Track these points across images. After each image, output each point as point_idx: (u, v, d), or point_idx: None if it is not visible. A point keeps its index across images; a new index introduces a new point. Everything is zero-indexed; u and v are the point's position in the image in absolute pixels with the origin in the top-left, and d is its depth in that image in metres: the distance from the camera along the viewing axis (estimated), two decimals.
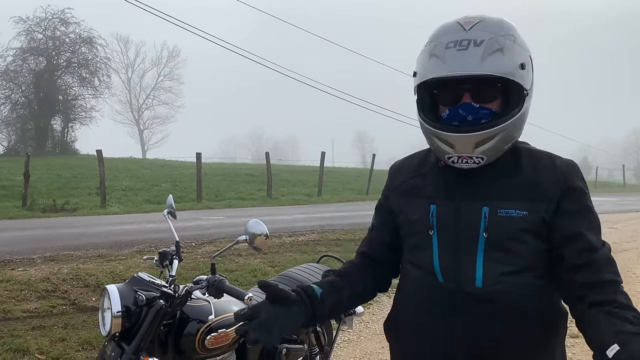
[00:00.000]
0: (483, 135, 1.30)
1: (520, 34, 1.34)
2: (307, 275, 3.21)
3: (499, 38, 1.28)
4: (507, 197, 1.34)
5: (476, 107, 1.32)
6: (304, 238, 9.27)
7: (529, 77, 1.32)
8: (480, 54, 1.26)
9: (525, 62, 1.30)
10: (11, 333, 4.47)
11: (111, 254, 7.26)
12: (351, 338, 4.80)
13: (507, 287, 1.33)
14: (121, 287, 2.21)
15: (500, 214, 1.33)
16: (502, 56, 1.27)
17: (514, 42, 1.30)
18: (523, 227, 1.31)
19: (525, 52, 1.32)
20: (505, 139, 1.33)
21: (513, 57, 1.28)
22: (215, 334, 2.33)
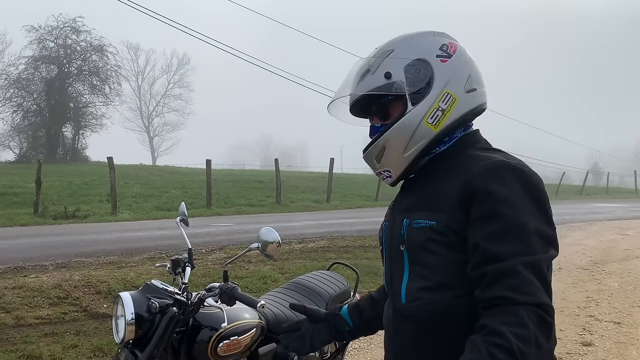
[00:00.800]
0: (374, 149, 1.38)
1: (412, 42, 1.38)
2: (318, 283, 3.21)
3: (370, 59, 1.38)
4: (420, 206, 1.32)
5: (377, 126, 1.41)
6: (314, 245, 9.27)
7: (409, 81, 1.33)
8: (355, 80, 1.39)
9: (396, 70, 1.33)
10: (24, 340, 4.51)
11: (122, 260, 7.30)
12: (362, 345, 4.79)
13: (424, 304, 1.28)
14: (134, 294, 2.23)
15: (414, 224, 1.30)
16: (370, 75, 1.36)
17: (387, 56, 1.36)
18: (430, 237, 1.25)
19: (402, 60, 1.34)
20: (395, 146, 1.34)
21: (379, 72, 1.35)
22: (228, 342, 2.34)
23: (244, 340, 2.40)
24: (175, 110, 56.06)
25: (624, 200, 25.95)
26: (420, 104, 1.32)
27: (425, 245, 1.27)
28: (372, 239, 10.12)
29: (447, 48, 1.37)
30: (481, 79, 1.40)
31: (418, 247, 1.28)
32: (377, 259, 8.19)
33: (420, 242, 1.27)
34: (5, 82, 31.82)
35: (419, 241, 1.28)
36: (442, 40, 1.38)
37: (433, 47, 1.36)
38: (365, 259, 8.16)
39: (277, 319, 2.74)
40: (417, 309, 1.29)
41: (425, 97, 1.32)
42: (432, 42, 1.37)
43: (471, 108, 1.36)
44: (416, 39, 1.39)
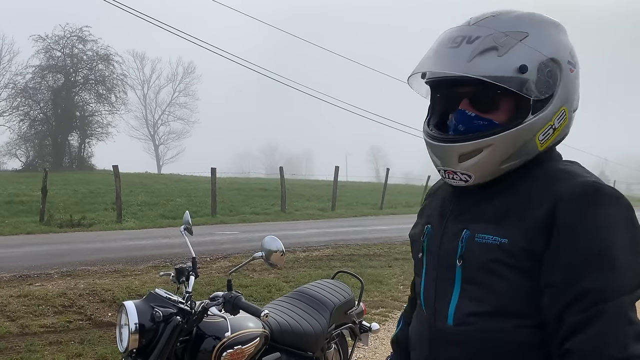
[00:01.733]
0: (464, 147, 1.12)
1: (547, 32, 1.13)
2: (322, 292, 3.21)
3: (497, 34, 1.09)
4: (490, 220, 1.12)
5: (471, 115, 1.14)
6: (319, 253, 9.25)
7: (541, 84, 1.09)
8: (468, 53, 1.08)
9: (531, 65, 1.08)
10: (28, 348, 4.51)
11: (127, 269, 7.31)
12: (366, 355, 4.76)
13: (475, 331, 1.11)
14: (138, 303, 2.23)
15: (478, 239, 1.11)
16: (496, 56, 1.07)
17: (521, 40, 1.09)
18: (498, 256, 1.08)
19: (537, 54, 1.09)
20: (497, 155, 1.11)
21: (510, 58, 1.07)
22: (232, 351, 2.33)
23: (247, 349, 2.40)
24: (181, 118, 56.27)
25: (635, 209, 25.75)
26: (540, 116, 1.10)
27: (488, 265, 1.09)
28: (377, 247, 10.09)
29: (574, 55, 1.16)
30: None
31: (479, 265, 1.11)
32: (382, 268, 8.17)
33: (484, 260, 1.10)
34: (13, 91, 32.07)
35: (482, 259, 1.10)
36: (570, 43, 1.16)
37: (566, 49, 1.14)
38: (370, 267, 8.13)
39: (281, 328, 2.73)
40: (467, 335, 1.12)
41: (546, 108, 1.11)
42: (565, 42, 1.15)
43: (569, 130, 1.19)
44: (551, 31, 1.14)
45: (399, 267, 8.26)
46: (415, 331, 1.30)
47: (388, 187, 21.63)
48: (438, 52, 1.13)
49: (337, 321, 3.15)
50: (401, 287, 7.06)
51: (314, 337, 2.89)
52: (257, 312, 2.16)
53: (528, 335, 1.08)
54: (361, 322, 3.41)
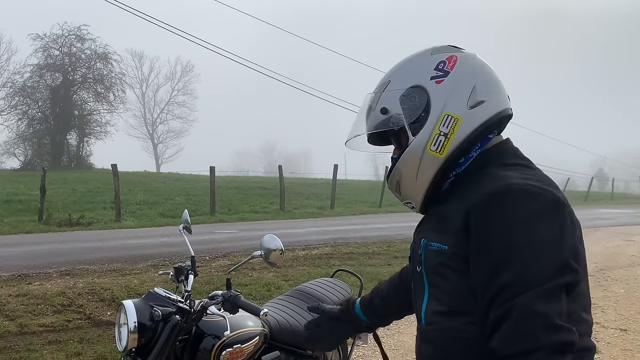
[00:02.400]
0: (391, 181, 1.39)
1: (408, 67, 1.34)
2: (321, 290, 3.20)
3: (370, 96, 1.38)
4: (435, 228, 1.27)
5: (394, 157, 1.39)
6: (318, 252, 9.25)
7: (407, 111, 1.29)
8: (365, 117, 1.39)
9: (391, 103, 1.31)
10: (27, 347, 4.50)
11: (126, 268, 7.30)
12: (366, 353, 4.76)
13: (439, 329, 1.25)
14: (137, 302, 2.22)
15: (429, 246, 1.26)
16: (372, 112, 1.35)
17: (385, 89, 1.34)
18: (442, 261, 1.21)
19: (396, 92, 1.31)
20: (406, 179, 1.33)
21: (377, 108, 1.33)
22: (231, 350, 2.32)
23: (247, 348, 2.39)
24: (179, 117, 56.23)
25: (630, 206, 25.81)
26: (420, 133, 1.27)
27: (437, 269, 1.23)
28: (376, 245, 10.10)
29: (444, 65, 1.29)
30: (492, 87, 1.30)
31: (432, 270, 1.25)
32: (381, 266, 8.17)
33: (434, 265, 1.24)
34: (11, 90, 32.01)
35: (433, 264, 1.25)
36: (439, 57, 1.31)
37: (428, 69, 1.30)
38: (369, 265, 8.13)
39: (281, 327, 2.73)
40: (434, 334, 1.26)
41: (425, 124, 1.27)
42: (427, 63, 1.31)
43: (480, 123, 1.26)
44: (412, 64, 1.34)
45: (398, 265, 8.25)
46: None
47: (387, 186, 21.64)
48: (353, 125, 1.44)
49: None
50: None
51: None
52: (256, 310, 2.15)
53: (475, 332, 1.17)
54: None
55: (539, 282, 1.06)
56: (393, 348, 4.89)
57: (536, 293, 1.06)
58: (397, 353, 4.77)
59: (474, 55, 1.34)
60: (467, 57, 1.31)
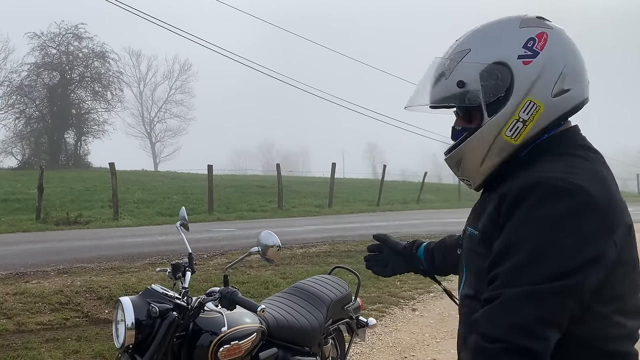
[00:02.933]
0: (452, 158, 1.31)
1: (491, 38, 1.23)
2: (319, 287, 3.21)
3: (445, 61, 1.26)
4: (474, 216, 1.29)
5: (457, 129, 1.31)
6: (316, 249, 9.25)
7: (486, 89, 1.20)
8: (432, 83, 1.28)
9: (470, 77, 1.21)
10: (25, 345, 4.50)
11: (124, 266, 7.30)
12: (364, 350, 4.77)
13: (467, 313, 1.25)
14: (135, 299, 2.23)
15: (467, 232, 1.30)
16: (444, 80, 1.25)
17: (462, 58, 1.23)
18: (472, 246, 1.24)
19: (477, 65, 1.21)
20: (471, 158, 1.25)
21: (453, 78, 1.23)
22: (228, 346, 2.33)
23: (244, 344, 2.40)
24: (177, 116, 56.13)
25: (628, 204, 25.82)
26: (497, 116, 1.20)
27: (469, 254, 1.27)
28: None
29: (535, 43, 1.19)
30: (579, 74, 1.22)
31: (466, 254, 1.29)
32: None
33: (467, 250, 1.28)
34: (8, 89, 31.90)
35: (466, 249, 1.28)
36: (529, 32, 1.20)
37: (516, 45, 1.19)
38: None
39: (278, 324, 2.73)
40: (464, 316, 1.28)
41: (503, 107, 1.19)
42: (515, 37, 1.20)
43: (561, 114, 1.20)
44: (497, 34, 1.23)
45: None
46: None
47: (385, 184, 21.66)
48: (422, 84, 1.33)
49: (334, 316, 3.15)
50: (398, 282, 7.08)
51: (311, 332, 2.89)
52: (253, 307, 2.16)
53: None
54: (358, 317, 3.41)
55: (532, 281, 1.04)
56: (391, 345, 4.90)
57: (525, 291, 1.04)
58: (394, 350, 4.78)
59: (563, 32, 1.24)
60: (558, 36, 1.21)
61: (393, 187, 27.03)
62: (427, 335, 5.14)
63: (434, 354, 4.66)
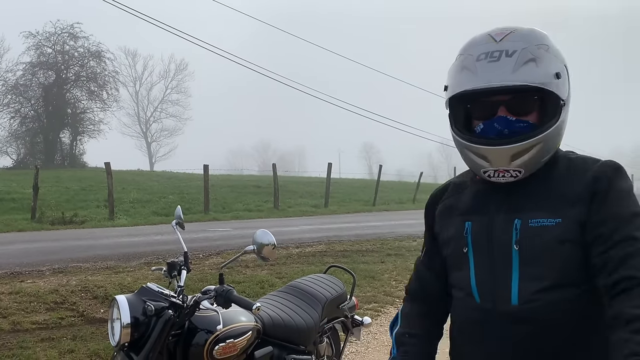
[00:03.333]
0: (520, 147, 1.25)
1: (554, 43, 1.29)
2: (314, 286, 3.22)
3: (531, 48, 1.24)
4: (539, 206, 1.27)
5: (512, 119, 1.28)
6: (311, 249, 9.27)
7: (565, 87, 1.27)
8: (512, 65, 1.23)
9: (561, 72, 1.26)
10: (20, 345, 4.49)
11: (119, 265, 7.29)
12: (359, 349, 4.78)
13: (544, 305, 1.24)
14: (130, 297, 2.23)
15: (532, 224, 1.26)
16: (536, 66, 1.23)
17: (547, 51, 1.25)
18: (556, 235, 1.24)
19: (560, 62, 1.27)
20: (542, 150, 1.27)
21: (547, 67, 1.24)
22: (224, 344, 2.34)
23: (240, 342, 2.41)
24: (173, 115, 55.96)
25: None
26: (565, 113, 1.29)
27: (548, 244, 1.24)
28: (370, 243, 10.12)
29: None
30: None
31: (539, 246, 1.25)
32: (374, 263, 8.21)
33: (542, 241, 1.25)
34: (3, 89, 31.75)
35: (541, 240, 1.25)
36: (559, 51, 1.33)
37: (563, 58, 1.30)
38: (363, 263, 8.15)
39: (274, 322, 2.75)
40: (535, 310, 1.24)
41: (568, 107, 1.30)
42: (560, 52, 1.31)
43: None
44: (553, 43, 1.30)
45: (392, 263, 8.30)
46: (467, 322, 1.38)
47: (381, 184, 21.68)
48: (479, 68, 1.26)
49: (329, 315, 3.16)
50: (393, 282, 7.10)
51: (306, 331, 2.90)
52: (249, 305, 2.17)
53: (585, 302, 1.24)
54: (353, 316, 3.43)
55: None
56: (386, 344, 4.90)
57: None
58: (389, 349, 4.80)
59: None
60: None
61: (389, 187, 27.08)
62: None
63: None
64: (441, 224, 1.46)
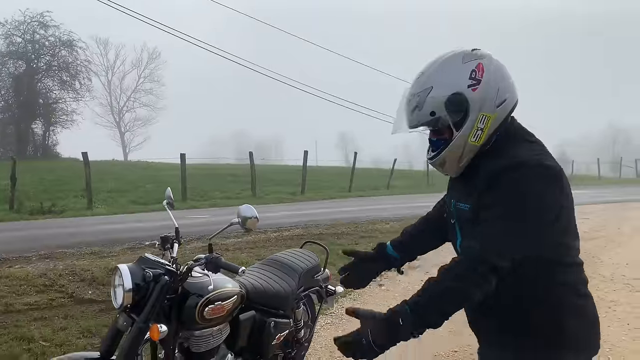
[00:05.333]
0: (436, 163, 1.78)
1: (447, 75, 1.68)
2: (292, 259, 3.58)
3: (415, 97, 1.70)
4: (461, 194, 1.77)
5: (433, 140, 1.77)
6: (289, 233, 9.62)
7: (451, 113, 1.65)
8: (408, 113, 1.73)
9: (437, 107, 1.66)
10: (15, 324, 4.74)
11: (103, 250, 7.54)
12: (334, 321, 5.17)
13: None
14: (131, 266, 2.55)
15: (459, 206, 1.77)
16: (419, 111, 1.69)
17: (429, 94, 1.66)
18: (468, 216, 1.71)
19: (441, 97, 1.65)
20: (452, 160, 1.73)
21: (426, 109, 1.67)
22: (213, 306, 2.67)
23: (227, 305, 2.75)
24: (147, 105, 55.59)
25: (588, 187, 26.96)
26: (463, 129, 1.66)
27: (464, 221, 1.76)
28: (345, 226, 10.53)
29: (476, 74, 1.65)
30: (509, 83, 1.70)
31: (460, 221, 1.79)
32: (348, 245, 8.59)
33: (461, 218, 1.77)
34: None
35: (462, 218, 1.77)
36: (470, 65, 1.66)
37: (463, 77, 1.65)
38: (338, 245, 8.49)
39: (256, 290, 3.10)
40: None
41: (465, 123, 1.66)
42: (462, 71, 1.66)
43: (505, 116, 1.69)
44: (448, 71, 1.68)
45: (365, 245, 8.69)
46: None
47: (357, 172, 22.07)
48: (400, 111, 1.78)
49: (305, 284, 3.52)
50: None
51: (285, 297, 3.26)
52: (235, 269, 2.51)
53: None
54: (327, 286, 3.80)
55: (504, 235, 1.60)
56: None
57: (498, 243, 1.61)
58: None
59: (491, 56, 1.71)
60: (489, 62, 1.69)
61: (365, 174, 27.51)
62: None
63: None
64: None
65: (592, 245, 9.02)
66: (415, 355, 4.24)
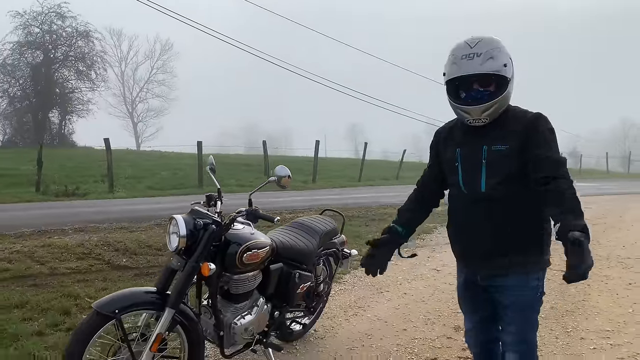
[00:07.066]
0: (487, 106, 2.26)
1: (504, 45, 2.28)
2: (313, 222, 4.10)
3: (490, 50, 2.24)
4: (497, 140, 2.30)
5: (481, 90, 2.28)
6: (303, 214, 10.11)
7: (510, 70, 2.26)
8: (480, 61, 2.23)
9: (507, 63, 2.25)
10: (60, 284, 5.30)
11: (132, 226, 8.10)
12: (346, 288, 5.67)
13: (497, 191, 2.30)
14: (184, 216, 3.06)
15: (493, 149, 2.31)
16: (493, 61, 2.23)
17: (499, 52, 2.24)
18: (502, 155, 2.28)
19: (506, 56, 2.26)
20: (499, 107, 2.28)
21: (499, 61, 2.23)
22: (250, 253, 3.18)
23: (261, 253, 3.25)
24: (159, 96, 56.24)
25: (595, 180, 27.27)
26: (511, 86, 2.28)
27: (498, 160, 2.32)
28: (356, 210, 11.02)
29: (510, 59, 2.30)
30: None
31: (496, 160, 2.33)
32: (359, 227, 9.11)
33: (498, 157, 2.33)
34: None
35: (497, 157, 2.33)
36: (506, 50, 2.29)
37: (508, 55, 2.28)
38: (349, 225, 8.98)
39: (284, 245, 3.62)
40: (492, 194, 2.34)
41: (512, 82, 2.28)
42: (506, 51, 2.28)
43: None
44: (503, 45, 2.28)
45: (375, 226, 9.20)
46: (456, 202, 2.51)
47: (366, 163, 22.50)
48: (462, 64, 2.26)
49: (324, 244, 4.04)
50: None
51: (308, 254, 3.77)
52: (271, 219, 3.02)
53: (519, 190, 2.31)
54: (343, 249, 4.31)
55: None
56: (369, 284, 5.80)
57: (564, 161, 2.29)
58: (373, 288, 5.69)
59: None
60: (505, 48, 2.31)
61: (375, 166, 27.96)
62: (400, 277, 6.08)
63: (405, 290, 5.60)
64: (443, 148, 2.54)
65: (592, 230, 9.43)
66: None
